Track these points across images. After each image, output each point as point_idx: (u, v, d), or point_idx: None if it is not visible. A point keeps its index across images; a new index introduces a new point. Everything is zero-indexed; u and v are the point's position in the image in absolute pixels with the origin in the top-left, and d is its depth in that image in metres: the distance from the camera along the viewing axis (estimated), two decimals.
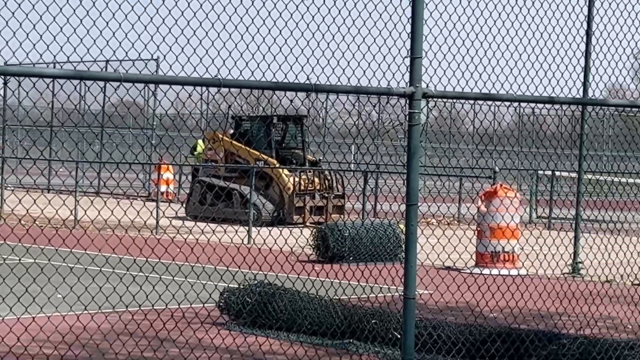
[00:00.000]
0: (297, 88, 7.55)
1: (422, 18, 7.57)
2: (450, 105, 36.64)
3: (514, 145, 44.66)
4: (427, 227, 26.12)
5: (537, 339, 10.87)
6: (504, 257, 19.28)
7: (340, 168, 34.97)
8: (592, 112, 21.90)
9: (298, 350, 11.14)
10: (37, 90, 33.26)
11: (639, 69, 28.51)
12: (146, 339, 11.03)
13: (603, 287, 16.99)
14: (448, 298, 13.88)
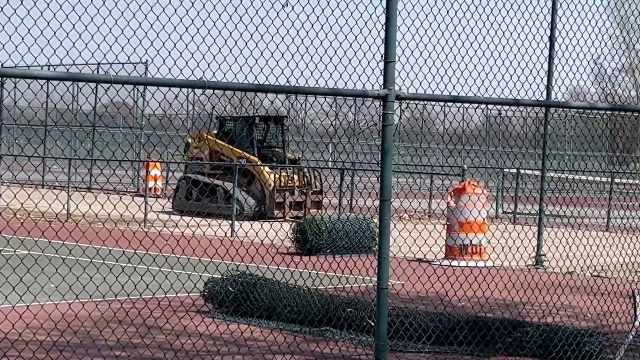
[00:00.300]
0: (277, 90, 7.53)
1: (396, 25, 7.57)
2: (421, 106, 36.58)
3: (482, 145, 44.76)
4: (400, 221, 26.13)
5: (502, 326, 10.87)
6: (471, 250, 19.30)
7: (318, 166, 34.93)
8: (555, 113, 21.94)
9: (278, 337, 11.13)
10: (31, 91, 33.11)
11: (598, 74, 28.53)
12: (134, 326, 11.00)
13: (564, 278, 17.04)
14: (419, 288, 13.88)
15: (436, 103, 8.63)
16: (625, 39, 14.94)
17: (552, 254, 19.18)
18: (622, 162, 43.17)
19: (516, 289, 14.20)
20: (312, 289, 12.60)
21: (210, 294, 12.79)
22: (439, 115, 38.56)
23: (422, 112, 40.67)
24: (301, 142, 42.31)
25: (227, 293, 12.55)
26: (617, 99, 38.51)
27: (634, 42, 17.43)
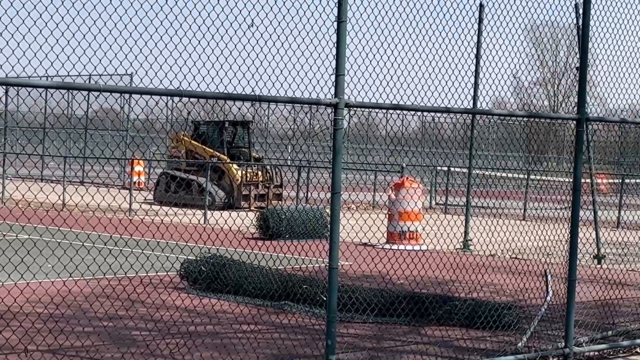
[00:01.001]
0: (244, 98, 7.50)
1: (345, 42, 7.57)
2: (367, 113, 36.65)
3: (418, 146, 44.90)
4: (348, 211, 26.19)
5: (434, 301, 10.92)
6: (409, 236, 19.36)
7: (278, 163, 34.91)
8: (480, 120, 22.07)
9: (243, 310, 11.12)
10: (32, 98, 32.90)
11: (516, 86, 28.55)
12: (120, 300, 10.95)
13: (487, 260, 17.13)
14: (364, 268, 13.91)
15: (379, 110, 8.62)
16: (540, 57, 15.03)
17: (477, 239, 19.26)
18: (537, 161, 43.45)
19: (446, 269, 14.27)
20: (273, 268, 12.59)
21: (186, 273, 12.75)
22: (381, 121, 38.70)
23: (367, 117, 40.70)
24: (264, 143, 42.29)
25: (200, 272, 12.52)
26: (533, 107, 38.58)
27: (546, 60, 17.56)
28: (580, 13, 9.63)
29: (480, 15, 17.93)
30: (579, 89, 9.58)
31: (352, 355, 8.95)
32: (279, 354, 8.98)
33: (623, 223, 26.57)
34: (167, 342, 9.11)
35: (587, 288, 13.34)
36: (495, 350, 9.26)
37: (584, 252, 16.75)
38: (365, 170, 36.26)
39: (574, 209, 9.47)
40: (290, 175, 33.83)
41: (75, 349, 8.72)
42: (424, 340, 9.97)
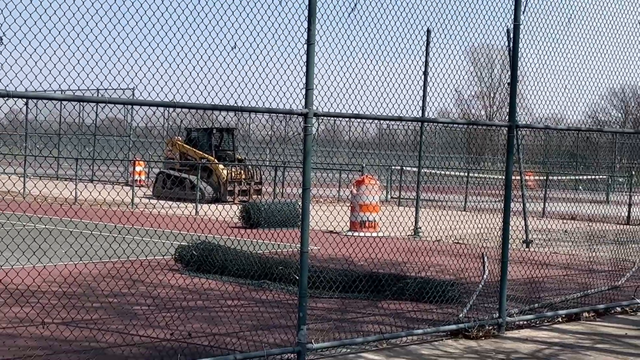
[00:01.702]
0: (227, 108, 7.48)
1: (313, 61, 7.57)
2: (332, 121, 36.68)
3: (375, 149, 44.94)
4: (317, 204, 26.20)
5: (389, 279, 10.95)
6: (368, 224, 19.39)
7: (258, 164, 34.85)
8: (428, 127, 22.14)
9: (228, 288, 11.10)
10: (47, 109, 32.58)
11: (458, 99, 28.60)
12: (123, 280, 10.91)
13: (434, 244, 17.20)
14: (330, 252, 13.92)
15: (343, 118, 8.63)
16: (477, 74, 15.11)
17: (425, 227, 19.34)
18: (475, 161, 43.66)
19: (399, 252, 14.31)
20: (254, 252, 12.59)
21: (179, 256, 12.72)
22: (345, 128, 38.70)
23: (333, 125, 40.69)
24: (246, 147, 42.19)
25: (191, 256, 12.49)
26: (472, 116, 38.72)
27: (483, 76, 17.65)
28: (511, 37, 9.68)
29: (428, 38, 17.97)
30: (510, 101, 9.63)
31: (320, 325, 8.96)
32: (259, 324, 8.97)
33: (547, 213, 26.76)
34: (164, 315, 9.08)
35: (518, 268, 13.43)
36: (440, 321, 9.30)
37: (514, 237, 16.84)
38: (331, 169, 36.26)
39: (506, 202, 9.53)
40: (268, 173, 33.82)
41: (85, 322, 8.67)
42: (381, 312, 10.00)
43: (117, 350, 7.66)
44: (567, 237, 19.82)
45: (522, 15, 9.45)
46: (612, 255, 14.89)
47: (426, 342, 8.63)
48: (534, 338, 9.10)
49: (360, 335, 8.45)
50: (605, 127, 16.11)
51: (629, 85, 21.56)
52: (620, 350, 8.68)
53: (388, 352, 8.17)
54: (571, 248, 17.50)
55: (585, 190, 36.58)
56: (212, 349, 7.76)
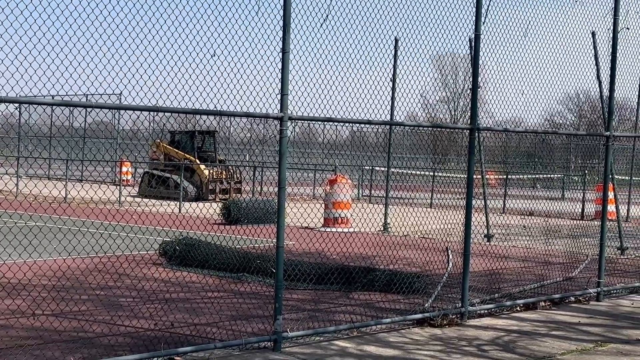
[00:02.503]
0: (208, 113, 7.47)
1: (288, 68, 7.58)
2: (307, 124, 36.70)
3: (348, 150, 44.95)
4: (292, 201, 26.19)
5: (360, 271, 10.97)
6: (341, 221, 19.42)
7: (238, 164, 34.78)
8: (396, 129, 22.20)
9: (209, 280, 11.08)
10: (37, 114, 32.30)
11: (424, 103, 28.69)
12: (109, 274, 10.86)
13: (402, 239, 17.25)
14: (305, 247, 13.92)
15: (317, 122, 8.64)
16: (442, 80, 15.18)
17: (394, 223, 19.40)
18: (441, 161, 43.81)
19: (370, 246, 14.34)
20: (233, 247, 12.57)
21: (164, 251, 12.67)
22: (318, 130, 38.71)
23: (307, 127, 40.69)
24: (226, 148, 42.07)
25: (174, 251, 12.45)
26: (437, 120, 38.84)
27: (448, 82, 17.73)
28: (473, 46, 9.74)
29: (396, 46, 18.03)
30: (472, 105, 9.69)
31: (295, 315, 8.96)
32: (237, 314, 8.96)
33: (507, 209, 26.92)
34: (148, 307, 9.05)
35: (479, 260, 13.50)
36: (407, 310, 9.34)
37: (476, 232, 16.94)
38: (306, 169, 36.26)
39: (468, 198, 9.58)
40: (247, 173, 33.76)
41: (74, 313, 8.62)
42: (352, 302, 10.02)
43: (104, 339, 7.63)
44: (526, 231, 19.96)
45: (483, 25, 9.50)
46: (567, 248, 15.01)
47: (394, 331, 8.66)
48: (494, 326, 9.16)
49: (332, 324, 8.47)
50: (560, 129, 16.24)
51: (582, 91, 21.74)
52: (574, 337, 8.76)
53: (358, 339, 8.19)
54: (529, 242, 17.62)
55: (542, 188, 36.85)
56: (194, 338, 7.75)
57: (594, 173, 32.11)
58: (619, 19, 11.08)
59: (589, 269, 12.59)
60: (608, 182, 11.63)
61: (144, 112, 7.87)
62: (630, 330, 9.17)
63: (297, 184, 33.36)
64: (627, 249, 16.35)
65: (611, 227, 16.11)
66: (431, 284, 10.66)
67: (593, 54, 13.52)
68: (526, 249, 16.47)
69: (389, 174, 20.28)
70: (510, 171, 34.78)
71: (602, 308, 10.60)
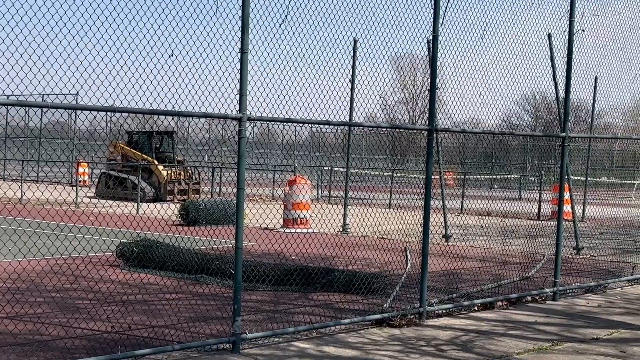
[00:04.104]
0: (166, 113, 7.43)
1: (247, 68, 7.56)
2: (266, 124, 36.61)
3: (307, 150, 44.92)
4: (251, 202, 26.12)
5: (319, 272, 10.98)
6: (300, 221, 19.42)
7: (197, 165, 34.60)
8: (355, 130, 22.26)
9: (167, 282, 11.01)
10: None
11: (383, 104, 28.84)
12: (66, 276, 10.73)
13: (361, 239, 17.30)
14: (264, 247, 13.90)
15: (276, 122, 8.63)
16: (401, 81, 15.25)
17: (353, 224, 19.45)
18: (399, 162, 44.00)
19: (329, 247, 14.36)
20: (192, 248, 12.51)
21: (121, 253, 12.56)
22: (277, 131, 38.65)
23: (266, 128, 40.60)
24: (184, 149, 41.82)
25: (132, 252, 12.35)
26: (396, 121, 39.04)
27: (407, 83, 17.85)
28: (431, 47, 9.80)
29: (354, 47, 18.09)
30: (429, 106, 9.75)
31: (254, 317, 8.95)
32: (196, 316, 8.92)
33: (465, 209, 27.15)
34: (105, 309, 8.96)
35: (438, 261, 13.59)
36: (366, 311, 9.37)
37: (434, 232, 17.05)
38: (265, 170, 36.21)
39: (426, 199, 9.64)
40: (205, 174, 33.61)
41: (29, 316, 8.51)
42: (311, 303, 10.03)
43: (60, 342, 7.54)
44: (483, 231, 20.14)
45: (440, 27, 9.57)
46: (524, 248, 15.18)
47: (353, 331, 8.69)
48: (452, 326, 9.23)
49: (291, 325, 8.46)
50: (517, 130, 16.41)
51: (539, 92, 22.00)
52: (531, 336, 8.86)
53: (318, 340, 8.19)
54: (486, 242, 17.79)
55: (499, 189, 37.22)
56: (152, 340, 7.69)
57: (550, 173, 32.53)
58: (575, 21, 11.24)
59: (545, 268, 12.74)
60: (564, 182, 11.78)
61: (100, 113, 7.80)
62: (585, 329, 9.30)
63: (257, 185, 33.31)
64: (582, 248, 16.59)
65: (567, 227, 16.34)
66: (390, 284, 10.70)
67: (549, 56, 13.70)
68: (484, 249, 16.62)
69: (348, 174, 20.33)
70: (468, 172, 35.09)
71: (558, 307, 10.74)
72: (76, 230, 13.93)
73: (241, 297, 7.67)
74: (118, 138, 30.59)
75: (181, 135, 42.33)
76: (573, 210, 17.50)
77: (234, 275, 7.65)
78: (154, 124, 27.44)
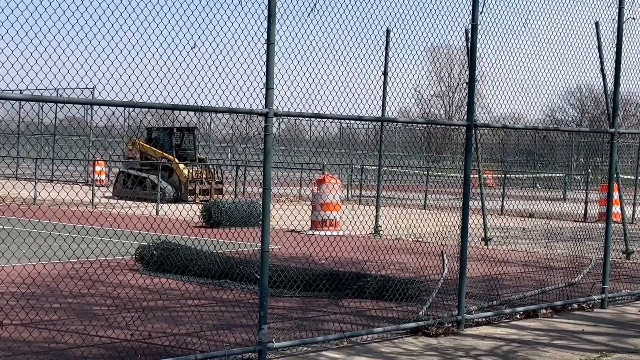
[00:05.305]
0: (187, 108, 7.45)
1: (273, 61, 7.55)
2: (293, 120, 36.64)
3: (336, 148, 44.97)
4: (278, 203, 26.15)
5: (350, 277, 10.96)
6: (329, 223, 19.41)
7: (219, 163, 34.73)
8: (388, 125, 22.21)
9: (189, 287, 11.05)
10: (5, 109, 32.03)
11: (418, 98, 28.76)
12: (83, 281, 10.80)
13: (394, 243, 17.25)
14: (291, 251, 13.91)
15: (303, 118, 8.61)
16: (437, 74, 15.18)
17: (385, 226, 19.41)
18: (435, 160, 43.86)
19: (360, 251, 14.34)
20: (215, 252, 12.54)
21: (140, 256, 12.63)
22: (305, 127, 38.70)
23: (294, 124, 40.64)
24: (207, 146, 42.02)
25: (152, 256, 12.41)
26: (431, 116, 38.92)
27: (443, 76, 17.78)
28: (469, 37, 9.75)
29: (387, 38, 18.04)
30: (468, 100, 9.69)
31: (281, 324, 8.95)
32: (219, 324, 8.94)
33: (506, 210, 27.00)
34: (124, 316, 9.01)
35: (476, 265, 13.52)
36: (400, 319, 9.34)
37: (473, 235, 16.96)
38: (292, 168, 36.25)
39: (464, 199, 9.59)
40: (229, 173, 33.72)
41: (44, 323, 8.57)
42: (342, 310, 10.01)
43: (76, 351, 7.59)
44: (525, 234, 20.01)
45: (480, 16, 9.51)
46: (570, 252, 15.06)
47: (386, 340, 8.66)
48: (492, 335, 9.17)
49: (321, 333, 8.45)
50: (562, 125, 16.29)
51: (585, 85, 21.82)
52: (578, 346, 8.78)
53: (349, 350, 8.18)
54: (529, 245, 17.67)
55: (542, 188, 36.97)
56: (173, 349, 7.72)
57: (597, 172, 32.24)
58: (625, 8, 11.12)
59: (592, 274, 12.63)
60: (613, 181, 11.67)
61: (119, 108, 7.84)
62: (636, 339, 9.20)
63: (283, 184, 33.35)
64: (633, 252, 16.42)
65: (616, 229, 16.19)
66: (426, 290, 10.65)
67: (597, 46, 13.57)
68: (526, 252, 16.50)
69: (380, 173, 20.29)
70: (508, 170, 34.89)
71: (606, 316, 10.64)
72: (93, 232, 14.03)
73: (267, 303, 7.67)
74: (137, 135, 30.76)
75: (203, 131, 42.56)
76: (622, 211, 17.33)
77: (260, 280, 7.65)
78: (175, 119, 27.58)
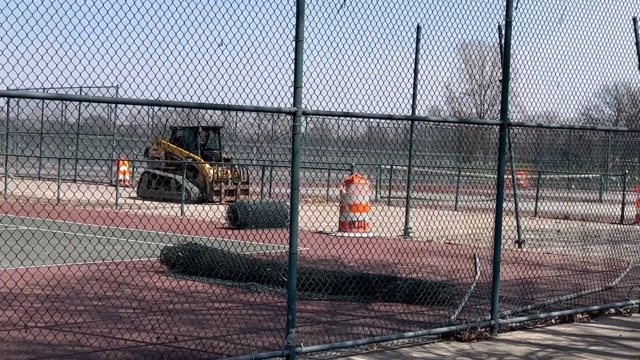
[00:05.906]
0: (214, 107, 7.46)
1: (302, 58, 7.56)
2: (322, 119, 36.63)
3: (365, 148, 44.94)
4: (306, 204, 26.17)
5: (380, 280, 10.93)
6: (358, 225, 19.39)
7: (245, 163, 34.82)
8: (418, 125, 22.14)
9: (215, 290, 11.07)
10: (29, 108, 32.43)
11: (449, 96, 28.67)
12: (107, 283, 10.87)
13: (425, 245, 17.19)
14: (320, 253, 13.90)
15: (332, 117, 8.61)
16: (468, 71, 15.13)
17: (416, 227, 19.35)
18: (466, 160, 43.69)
19: (390, 253, 14.31)
20: (241, 254, 12.56)
21: (165, 258, 12.67)
22: (334, 126, 38.69)
23: (322, 123, 40.69)
24: (233, 146, 42.16)
25: (177, 258, 12.45)
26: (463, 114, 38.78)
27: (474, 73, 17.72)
28: (503, 33, 9.69)
29: (418, 35, 18.01)
30: (502, 99, 9.64)
31: (309, 328, 8.94)
32: (247, 327, 8.95)
33: (540, 212, 26.83)
34: (150, 319, 9.05)
35: (510, 268, 13.44)
36: (432, 323, 9.30)
37: (507, 237, 16.86)
38: (320, 168, 36.26)
39: (498, 201, 9.54)
40: (256, 173, 33.79)
41: (69, 325, 8.63)
42: (371, 314, 9.99)
43: (101, 354, 7.63)
44: (560, 237, 19.87)
45: (514, 11, 9.45)
46: (606, 255, 14.94)
47: (417, 345, 8.63)
48: (527, 340, 9.11)
49: (350, 338, 8.44)
50: (598, 125, 16.16)
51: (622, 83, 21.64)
52: (615, 352, 8.70)
53: (379, 355, 8.16)
54: (564, 248, 17.54)
55: (578, 189, 36.68)
56: (199, 353, 7.74)
57: (634, 173, 31.95)
58: None
59: (630, 277, 12.51)
60: None
61: (143, 107, 7.88)
62: None
63: (311, 185, 33.37)
64: None
65: None
66: (458, 294, 10.61)
67: (634, 42, 13.44)
68: (561, 255, 16.38)
69: (410, 173, 20.23)
70: (543, 171, 34.67)
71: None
72: (118, 233, 14.11)
73: (295, 307, 7.67)
74: (162, 134, 30.91)
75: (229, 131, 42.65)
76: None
77: (288, 283, 7.66)
78: (201, 119, 27.68)
